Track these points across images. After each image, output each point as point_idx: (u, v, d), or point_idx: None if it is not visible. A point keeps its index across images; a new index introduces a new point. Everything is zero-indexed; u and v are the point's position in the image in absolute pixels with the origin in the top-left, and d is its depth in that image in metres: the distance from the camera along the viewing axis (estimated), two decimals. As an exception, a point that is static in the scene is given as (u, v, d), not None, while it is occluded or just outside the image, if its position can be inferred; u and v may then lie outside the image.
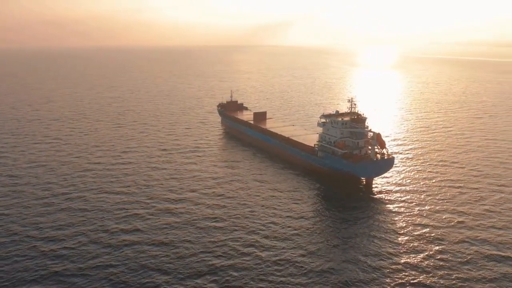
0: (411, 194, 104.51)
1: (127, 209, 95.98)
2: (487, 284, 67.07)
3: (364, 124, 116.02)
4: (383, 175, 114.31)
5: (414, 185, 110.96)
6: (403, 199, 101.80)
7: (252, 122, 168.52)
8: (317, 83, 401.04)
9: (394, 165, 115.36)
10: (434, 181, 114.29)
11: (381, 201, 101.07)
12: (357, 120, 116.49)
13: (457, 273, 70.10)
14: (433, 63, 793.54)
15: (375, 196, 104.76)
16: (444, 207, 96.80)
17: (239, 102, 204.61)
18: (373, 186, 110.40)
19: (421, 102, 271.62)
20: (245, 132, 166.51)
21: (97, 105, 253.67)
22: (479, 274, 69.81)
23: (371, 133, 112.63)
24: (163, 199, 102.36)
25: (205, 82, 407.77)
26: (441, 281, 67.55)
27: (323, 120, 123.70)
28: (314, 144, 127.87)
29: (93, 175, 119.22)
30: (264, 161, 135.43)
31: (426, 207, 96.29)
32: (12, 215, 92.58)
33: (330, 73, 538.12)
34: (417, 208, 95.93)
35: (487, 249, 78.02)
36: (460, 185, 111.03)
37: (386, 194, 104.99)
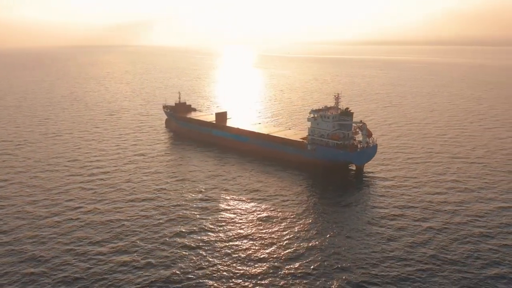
0: (394, 172, 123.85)
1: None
2: (477, 262, 78.68)
3: (352, 117, 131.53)
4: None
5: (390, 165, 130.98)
6: (390, 178, 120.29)
7: (214, 122, 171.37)
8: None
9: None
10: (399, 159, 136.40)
11: (373, 182, 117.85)
12: (346, 113, 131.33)
13: (440, 250, 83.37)
14: (297, 61, 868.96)
15: (366, 179, 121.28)
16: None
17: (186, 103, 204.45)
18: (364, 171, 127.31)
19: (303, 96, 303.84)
20: (208, 133, 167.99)
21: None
22: (463, 250, 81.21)
23: (361, 124, 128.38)
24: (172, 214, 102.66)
25: (100, 84, 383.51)
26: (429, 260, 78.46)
27: (312, 115, 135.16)
28: (301, 138, 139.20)
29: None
30: (239, 159, 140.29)
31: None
32: None
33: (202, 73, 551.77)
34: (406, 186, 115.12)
35: (469, 228, 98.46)
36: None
37: (373, 175, 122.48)
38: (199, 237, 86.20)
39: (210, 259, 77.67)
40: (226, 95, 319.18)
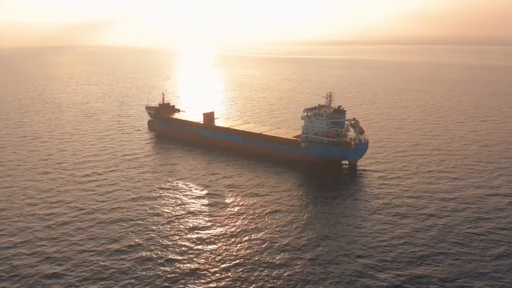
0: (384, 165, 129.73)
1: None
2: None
3: (345, 115, 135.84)
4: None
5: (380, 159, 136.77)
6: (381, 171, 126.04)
7: (202, 122, 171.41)
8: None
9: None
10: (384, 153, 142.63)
11: (367, 176, 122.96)
12: (339, 111, 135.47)
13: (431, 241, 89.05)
14: (262, 61, 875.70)
15: (361, 174, 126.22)
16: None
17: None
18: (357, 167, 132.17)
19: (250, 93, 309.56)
20: (197, 134, 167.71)
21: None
22: (452, 239, 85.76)
23: (354, 121, 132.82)
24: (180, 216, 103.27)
25: (66, 86, 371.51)
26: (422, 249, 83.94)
27: (306, 113, 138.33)
28: (294, 137, 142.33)
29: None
30: (232, 159, 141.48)
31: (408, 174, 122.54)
32: None
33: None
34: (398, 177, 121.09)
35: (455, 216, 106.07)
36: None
37: (366, 170, 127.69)
38: (199, 234, 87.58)
39: (216, 254, 79.59)
40: (202, 95, 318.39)
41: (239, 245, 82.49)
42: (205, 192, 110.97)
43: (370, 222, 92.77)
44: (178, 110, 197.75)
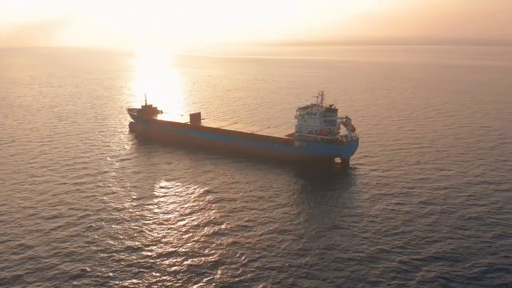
0: (374, 159, 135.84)
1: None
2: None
3: (337, 113, 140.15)
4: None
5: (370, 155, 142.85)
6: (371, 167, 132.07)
7: (189, 123, 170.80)
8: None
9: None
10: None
11: (360, 171, 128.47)
12: (331, 110, 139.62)
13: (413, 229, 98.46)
14: (227, 62, 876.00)
15: (354, 169, 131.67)
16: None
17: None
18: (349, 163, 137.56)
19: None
20: (184, 135, 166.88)
21: None
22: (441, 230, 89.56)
23: (346, 119, 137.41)
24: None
25: (29, 89, 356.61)
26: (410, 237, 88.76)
27: (299, 112, 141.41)
28: (286, 135, 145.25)
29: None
30: (223, 159, 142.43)
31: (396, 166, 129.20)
32: None
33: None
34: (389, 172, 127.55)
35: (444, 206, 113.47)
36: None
37: (358, 165, 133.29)
38: (199, 234, 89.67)
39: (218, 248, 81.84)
40: (176, 97, 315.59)
41: (239, 241, 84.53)
42: (203, 191, 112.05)
43: (375, 211, 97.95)
44: (161, 112, 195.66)
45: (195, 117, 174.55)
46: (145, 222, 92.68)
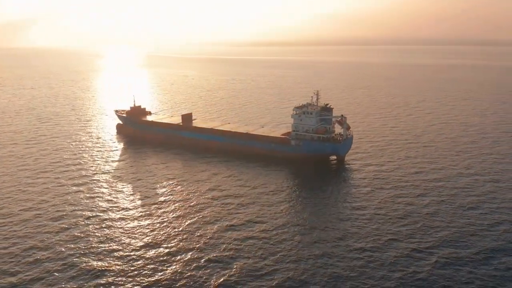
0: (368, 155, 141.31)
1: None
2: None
3: (332, 112, 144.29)
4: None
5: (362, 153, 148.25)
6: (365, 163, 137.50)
7: (181, 124, 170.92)
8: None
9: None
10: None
11: (357, 167, 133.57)
12: (326, 109, 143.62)
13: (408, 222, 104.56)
14: (199, 62, 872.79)
15: (350, 166, 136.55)
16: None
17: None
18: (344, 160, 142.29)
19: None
20: (177, 136, 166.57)
21: None
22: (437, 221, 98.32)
23: (341, 118, 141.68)
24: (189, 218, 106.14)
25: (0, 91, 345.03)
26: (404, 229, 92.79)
27: (295, 112, 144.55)
28: (282, 135, 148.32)
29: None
30: (219, 159, 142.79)
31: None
32: None
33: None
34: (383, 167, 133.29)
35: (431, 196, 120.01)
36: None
37: (353, 162, 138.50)
38: (198, 233, 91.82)
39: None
40: (156, 97, 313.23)
41: (239, 238, 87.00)
42: (205, 189, 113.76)
43: (378, 204, 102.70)
44: (150, 113, 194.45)
45: (187, 118, 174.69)
46: (154, 221, 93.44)
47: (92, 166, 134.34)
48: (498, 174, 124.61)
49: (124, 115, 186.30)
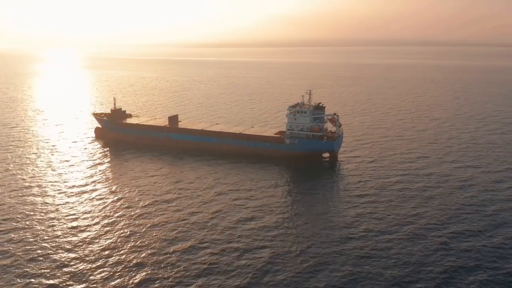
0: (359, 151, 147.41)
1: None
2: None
3: (325, 111, 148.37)
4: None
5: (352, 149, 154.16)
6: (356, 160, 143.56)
7: (168, 125, 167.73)
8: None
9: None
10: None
11: (350, 162, 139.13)
12: (319, 107, 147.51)
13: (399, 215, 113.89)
14: (151, 63, 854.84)
15: (343, 161, 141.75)
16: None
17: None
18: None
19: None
20: (165, 138, 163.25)
21: None
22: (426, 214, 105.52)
23: (334, 116, 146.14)
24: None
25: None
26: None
27: (289, 111, 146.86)
28: (275, 134, 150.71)
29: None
30: (213, 160, 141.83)
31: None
32: None
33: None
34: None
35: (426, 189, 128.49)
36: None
37: (346, 157, 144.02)
38: (198, 231, 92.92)
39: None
40: (119, 99, 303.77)
41: (239, 236, 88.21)
42: (206, 188, 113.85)
43: (384, 197, 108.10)
44: (131, 115, 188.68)
45: (173, 120, 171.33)
46: (165, 221, 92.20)
47: (84, 174, 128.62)
48: (488, 166, 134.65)
49: (104, 118, 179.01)
